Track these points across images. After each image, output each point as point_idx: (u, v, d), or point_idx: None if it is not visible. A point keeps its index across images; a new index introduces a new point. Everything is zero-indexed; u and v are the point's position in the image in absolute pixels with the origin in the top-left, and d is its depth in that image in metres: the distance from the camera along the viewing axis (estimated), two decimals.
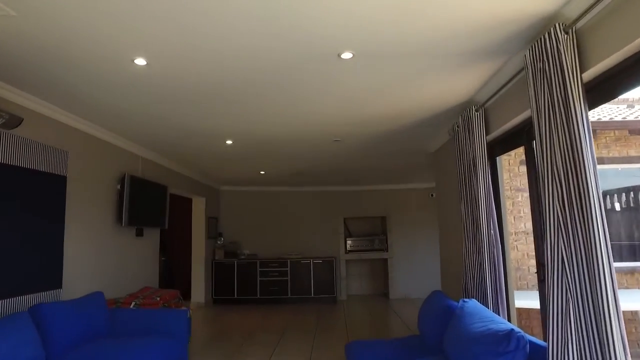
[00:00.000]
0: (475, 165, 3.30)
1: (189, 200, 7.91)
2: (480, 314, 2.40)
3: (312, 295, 7.85)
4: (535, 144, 2.20)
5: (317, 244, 8.67)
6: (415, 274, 8.54)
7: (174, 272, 8.46)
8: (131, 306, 4.01)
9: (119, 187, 4.58)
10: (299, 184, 8.47)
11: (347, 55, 2.53)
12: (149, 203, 5.13)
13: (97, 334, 3.01)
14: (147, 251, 5.32)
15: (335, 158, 5.81)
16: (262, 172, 6.90)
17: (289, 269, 7.94)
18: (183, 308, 4.83)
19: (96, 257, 4.15)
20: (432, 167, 5.66)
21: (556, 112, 2.03)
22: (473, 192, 3.35)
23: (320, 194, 8.88)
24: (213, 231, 8.19)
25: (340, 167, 6.50)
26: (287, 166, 6.38)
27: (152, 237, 5.49)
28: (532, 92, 2.26)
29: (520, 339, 1.94)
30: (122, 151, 4.72)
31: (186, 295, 7.82)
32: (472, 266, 3.37)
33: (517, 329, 2.00)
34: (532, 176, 2.86)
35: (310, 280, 7.90)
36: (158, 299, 4.57)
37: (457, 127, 3.76)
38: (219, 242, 8.28)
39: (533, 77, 2.23)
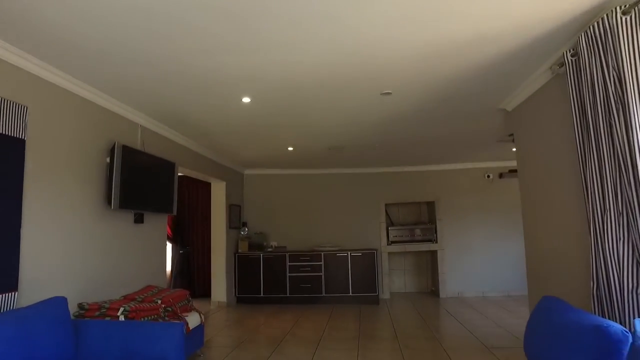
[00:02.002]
0: (625, 102, 2.07)
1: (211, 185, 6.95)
2: None
3: (350, 293, 6.74)
4: None
5: (355, 235, 7.54)
6: (469, 269, 7.28)
7: (194, 267, 7.55)
8: (119, 314, 3.03)
9: (108, 159, 3.60)
10: (333, 164, 7.35)
11: None
12: (151, 182, 4.15)
13: None
14: (150, 241, 4.36)
15: (380, 125, 4.65)
16: (289, 149, 5.82)
17: (322, 263, 6.86)
18: (190, 313, 3.84)
19: (74, 248, 3.18)
20: (510, 130, 4.41)
21: None
22: (618, 147, 2.12)
23: (358, 177, 7.73)
24: (236, 220, 7.21)
25: (384, 138, 5.33)
26: (320, 138, 5.27)
27: (157, 224, 4.53)
28: None
29: None
30: (113, 116, 3.74)
31: (209, 293, 6.89)
32: (616, 263, 2.15)
33: None
34: None
35: (347, 276, 6.79)
36: (159, 301, 3.59)
37: (573, 55, 2.53)
38: (242, 233, 7.29)
39: None
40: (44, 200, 2.88)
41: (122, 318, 3.02)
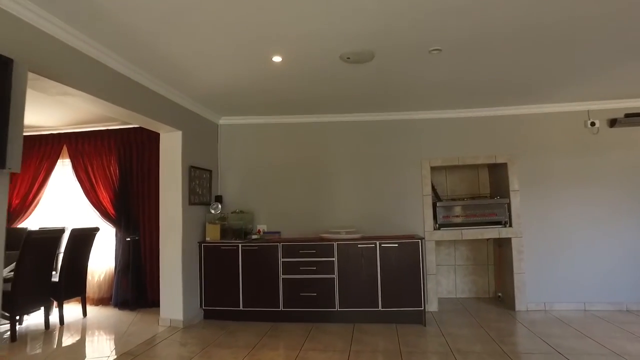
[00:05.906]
0: None
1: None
2: None
3: (380, 307, 4.26)
4: None
5: (387, 215, 5.01)
6: (561, 267, 4.74)
7: (146, 262, 5.14)
8: None
9: None
10: (350, 106, 4.79)
11: None
12: None
13: None
14: None
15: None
16: (276, 59, 3.25)
17: (336, 259, 4.37)
18: None
19: None
20: None
21: None
22: None
23: (389, 126, 5.13)
24: (203, 193, 4.73)
25: (452, 23, 2.74)
26: (327, 32, 2.70)
27: None
28: None
29: None
30: None
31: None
32: None
33: None
34: None
35: (376, 279, 4.30)
36: None
37: None
38: (213, 212, 4.82)
39: None
40: None
41: None
